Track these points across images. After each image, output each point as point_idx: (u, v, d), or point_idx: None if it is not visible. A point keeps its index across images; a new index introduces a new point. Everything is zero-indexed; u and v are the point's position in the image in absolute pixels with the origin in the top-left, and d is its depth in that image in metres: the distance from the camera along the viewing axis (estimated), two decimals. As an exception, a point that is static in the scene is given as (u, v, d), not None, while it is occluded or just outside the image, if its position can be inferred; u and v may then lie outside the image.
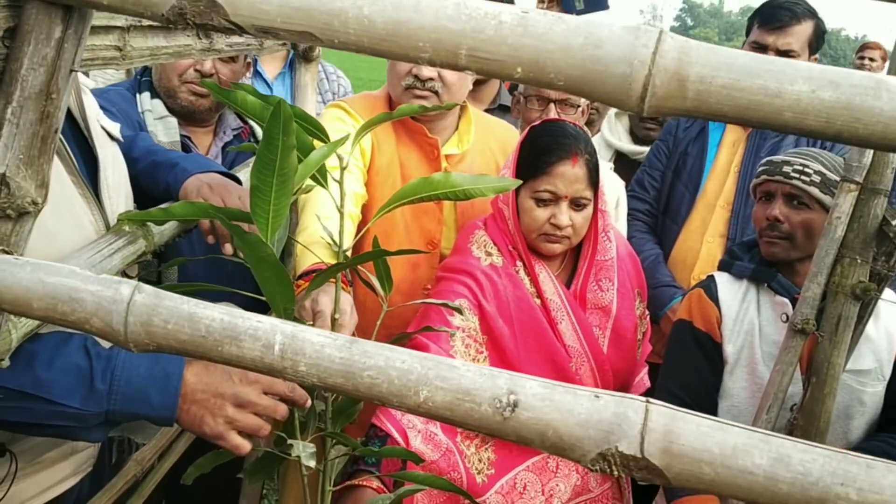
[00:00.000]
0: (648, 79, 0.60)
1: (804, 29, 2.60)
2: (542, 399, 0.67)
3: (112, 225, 1.34)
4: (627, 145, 3.24)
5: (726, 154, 2.69)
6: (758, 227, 1.92)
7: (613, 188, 2.64)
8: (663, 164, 2.84)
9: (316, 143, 1.30)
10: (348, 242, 1.59)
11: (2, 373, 1.02)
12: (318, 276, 1.29)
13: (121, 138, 1.49)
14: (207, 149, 2.11)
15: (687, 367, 1.90)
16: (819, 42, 2.65)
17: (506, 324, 1.88)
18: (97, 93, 1.92)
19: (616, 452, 0.64)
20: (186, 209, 1.26)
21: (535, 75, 0.63)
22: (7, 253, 0.77)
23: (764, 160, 1.97)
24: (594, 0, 3.32)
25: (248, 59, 2.20)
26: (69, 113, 1.35)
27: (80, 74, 1.42)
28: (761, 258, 1.93)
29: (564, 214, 1.86)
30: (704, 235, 2.64)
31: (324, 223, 1.49)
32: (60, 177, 1.25)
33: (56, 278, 0.75)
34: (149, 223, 1.37)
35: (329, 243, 1.54)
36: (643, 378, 2.09)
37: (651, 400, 0.66)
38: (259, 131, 2.20)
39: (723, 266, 1.99)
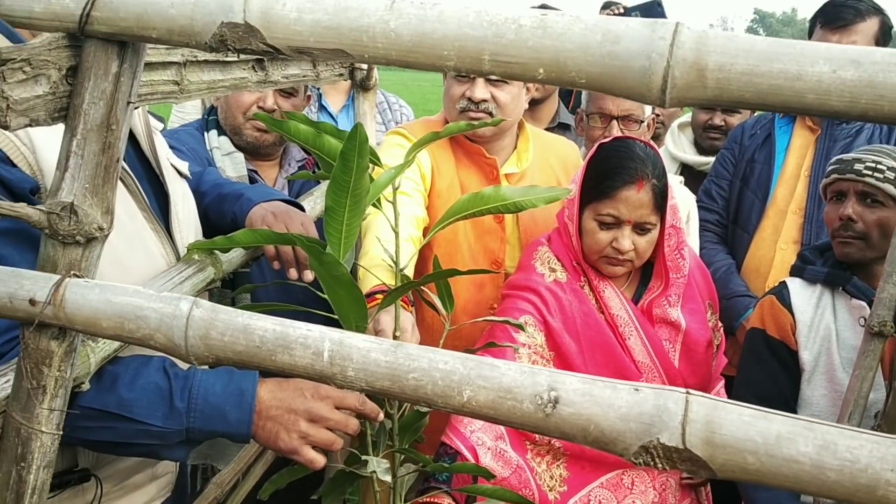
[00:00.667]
0: (668, 70, 0.61)
1: (869, 26, 2.53)
2: (582, 394, 0.67)
3: (184, 254, 1.41)
4: (692, 157, 3.20)
5: (795, 158, 2.62)
6: (830, 227, 1.87)
7: (684, 203, 2.59)
8: (730, 173, 2.79)
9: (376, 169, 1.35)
10: (407, 263, 1.62)
11: (88, 394, 1.08)
12: (384, 299, 1.33)
13: (189, 175, 1.56)
14: (274, 181, 2.19)
15: (762, 377, 1.85)
16: (886, 38, 2.58)
17: (572, 340, 1.86)
18: (168, 134, 2.03)
19: (658, 445, 0.64)
20: (249, 236, 1.32)
21: (557, 75, 0.65)
22: (78, 277, 0.82)
23: (834, 158, 1.92)
24: (651, 14, 3.31)
25: (309, 93, 2.27)
26: (141, 152, 1.43)
27: (150, 118, 1.51)
28: (835, 261, 1.87)
29: (627, 239, 1.82)
30: (777, 243, 2.58)
31: (384, 245, 1.52)
32: (133, 213, 1.32)
33: (122, 298, 0.80)
34: (216, 252, 1.43)
35: (389, 265, 1.58)
36: (719, 391, 2.04)
37: (691, 391, 0.66)
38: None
39: (795, 271, 1.94)
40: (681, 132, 3.32)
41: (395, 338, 1.41)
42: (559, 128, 3.02)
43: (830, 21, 2.56)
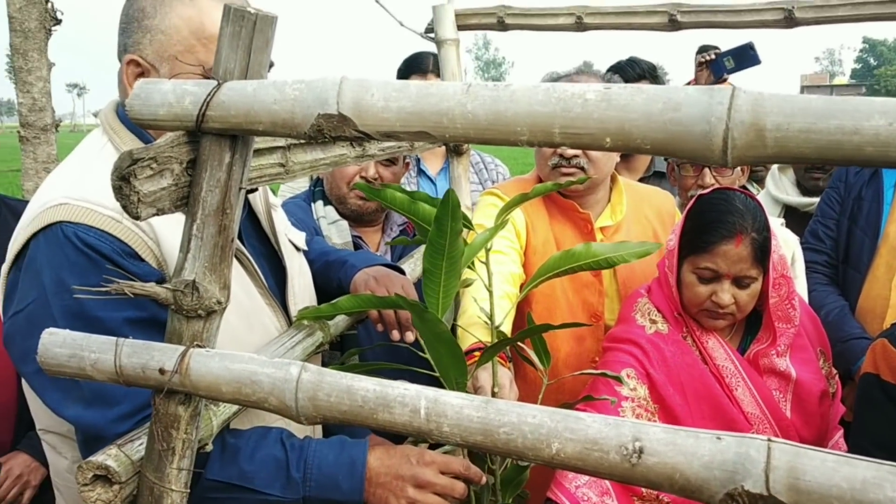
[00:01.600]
0: (727, 133, 0.65)
1: None
2: (666, 444, 0.70)
3: (294, 319, 1.51)
4: (796, 198, 3.13)
5: (905, 194, 2.54)
6: None
7: (787, 245, 2.53)
8: (837, 212, 2.71)
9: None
10: (503, 320, 1.67)
11: (213, 468, 1.19)
12: (481, 356, 1.39)
13: (306, 248, 1.68)
14: (377, 246, 2.29)
15: (879, 423, 1.78)
16: None
17: (676, 392, 1.85)
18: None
19: (743, 492, 0.66)
20: (352, 302, 1.41)
21: (624, 143, 0.69)
22: (200, 347, 0.92)
23: None
24: (744, 57, 3.28)
25: (408, 160, 2.38)
26: (261, 229, 1.56)
27: (269, 194, 1.63)
28: (949, 300, 1.80)
29: (726, 293, 1.80)
30: (892, 281, 2.48)
31: (480, 304, 1.58)
32: (250, 291, 1.43)
33: (239, 365, 0.88)
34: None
35: (485, 323, 1.64)
36: (838, 441, 1.96)
37: (773, 438, 0.67)
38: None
39: (906, 323, 1.87)
40: (782, 174, 3.26)
41: (493, 394, 1.45)
42: (654, 176, 3.03)
43: None
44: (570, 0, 1.95)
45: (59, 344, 0.98)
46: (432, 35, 2.10)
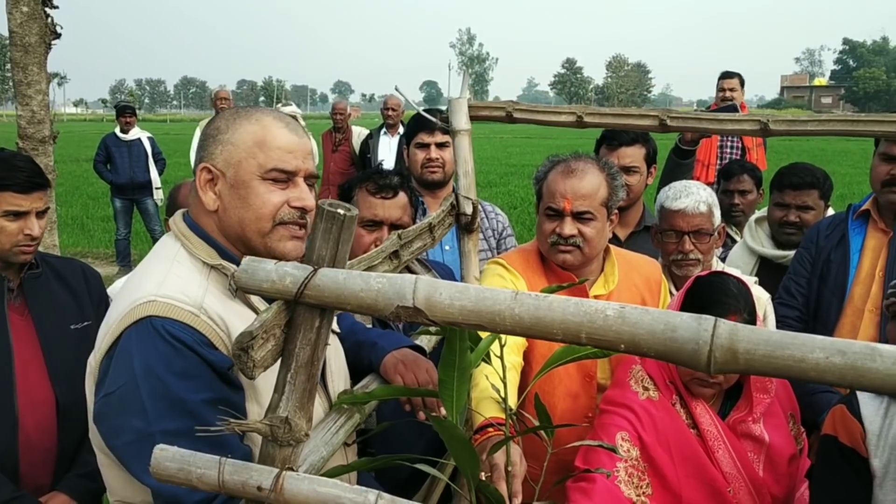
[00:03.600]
0: (710, 353, 0.89)
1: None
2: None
3: (334, 403, 1.74)
4: (770, 251, 3.39)
5: (869, 259, 2.80)
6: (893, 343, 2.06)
7: (759, 302, 2.80)
8: (808, 271, 2.97)
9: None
10: (512, 397, 1.91)
11: None
12: (496, 444, 1.63)
13: (339, 330, 1.91)
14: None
15: (837, 482, 2.04)
16: None
17: (665, 453, 2.11)
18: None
19: None
20: (385, 391, 1.66)
21: (634, 349, 0.94)
22: (291, 470, 1.15)
23: (892, 283, 2.12)
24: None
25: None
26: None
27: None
28: (901, 375, 2.06)
29: None
30: (857, 340, 2.74)
31: (491, 380, 1.82)
32: None
33: (325, 489, 1.11)
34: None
35: (496, 400, 1.89)
36: (803, 493, 2.23)
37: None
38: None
39: (864, 384, 2.13)
40: (758, 226, 3.53)
41: (506, 471, 1.69)
42: (644, 230, 3.28)
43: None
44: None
45: (168, 459, 1.20)
46: (447, 123, 2.34)
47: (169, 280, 1.57)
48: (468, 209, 2.31)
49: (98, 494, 2.50)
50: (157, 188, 9.75)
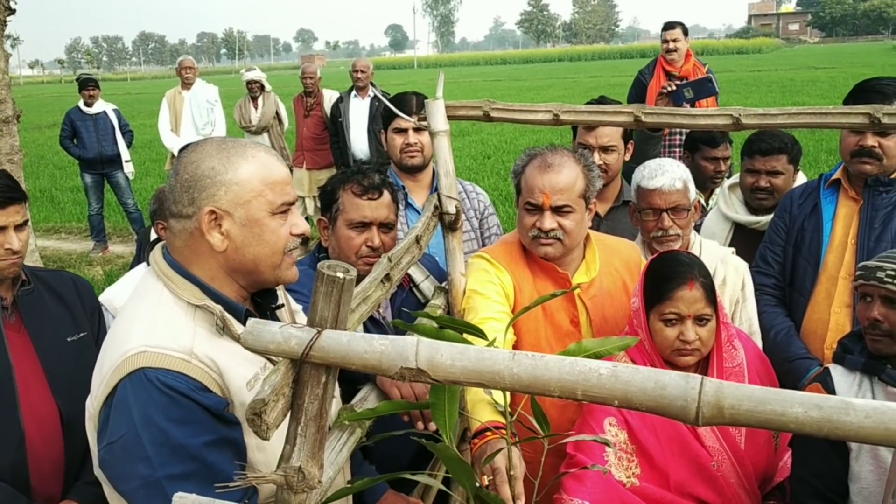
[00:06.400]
0: (698, 409, 0.96)
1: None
2: None
3: (337, 419, 1.80)
4: (744, 216, 3.47)
5: (842, 227, 2.89)
6: (862, 325, 2.17)
7: (738, 271, 2.90)
8: (783, 240, 3.06)
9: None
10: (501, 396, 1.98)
11: None
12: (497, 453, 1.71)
13: None
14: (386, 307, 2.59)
15: (816, 457, 2.16)
16: None
17: (650, 434, 2.21)
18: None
19: None
20: (388, 407, 1.72)
21: (627, 405, 1.00)
22: (307, 514, 1.22)
23: (859, 265, 2.21)
24: (703, 88, 3.58)
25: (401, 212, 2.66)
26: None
27: (291, 301, 1.91)
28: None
29: (690, 331, 2.20)
30: (831, 307, 2.84)
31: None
32: None
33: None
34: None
35: (490, 402, 1.96)
36: (786, 463, 2.35)
37: None
38: (422, 286, 2.66)
39: (836, 359, 2.24)
40: (731, 193, 3.60)
41: (508, 474, 1.77)
42: (623, 205, 3.34)
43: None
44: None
45: (189, 505, 1.27)
46: (425, 122, 2.37)
47: (156, 327, 1.60)
48: (451, 209, 2.36)
49: (107, 499, 2.57)
50: (126, 161, 9.61)
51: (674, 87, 3.65)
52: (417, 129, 3.40)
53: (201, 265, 1.67)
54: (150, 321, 1.62)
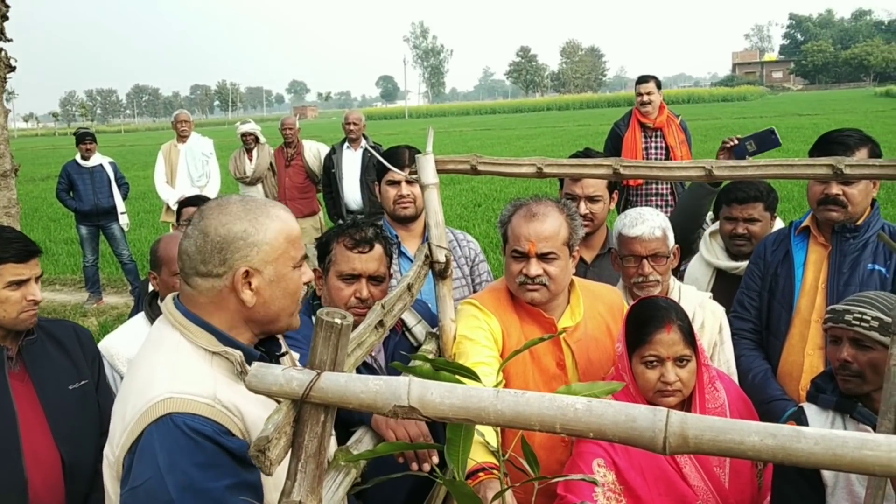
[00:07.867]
0: (665, 439, 1.06)
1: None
2: None
3: (334, 460, 1.88)
4: (725, 262, 3.60)
5: (812, 272, 3.01)
6: (833, 366, 2.27)
7: (715, 315, 3.01)
8: (758, 285, 3.18)
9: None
10: (492, 436, 2.07)
11: None
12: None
13: None
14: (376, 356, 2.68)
15: (793, 494, 2.24)
16: None
17: (637, 475, 2.30)
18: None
19: None
20: (388, 447, 1.80)
21: (601, 437, 1.10)
22: (307, 546, 1.30)
23: (829, 308, 2.32)
24: (766, 141, 3.61)
25: (391, 272, 2.77)
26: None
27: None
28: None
29: (671, 372, 2.29)
30: (805, 349, 2.96)
31: (481, 429, 1.97)
32: None
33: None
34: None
35: (483, 443, 2.05)
36: (768, 500, 2.43)
37: None
38: (414, 330, 2.76)
39: (810, 398, 2.33)
40: (713, 239, 3.74)
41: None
42: (609, 253, 3.46)
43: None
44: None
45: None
46: (416, 176, 2.49)
47: (179, 374, 1.69)
48: (441, 257, 2.47)
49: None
50: (122, 213, 9.73)
51: (736, 142, 3.70)
52: (410, 181, 3.53)
53: (221, 316, 1.76)
54: (173, 368, 1.70)
